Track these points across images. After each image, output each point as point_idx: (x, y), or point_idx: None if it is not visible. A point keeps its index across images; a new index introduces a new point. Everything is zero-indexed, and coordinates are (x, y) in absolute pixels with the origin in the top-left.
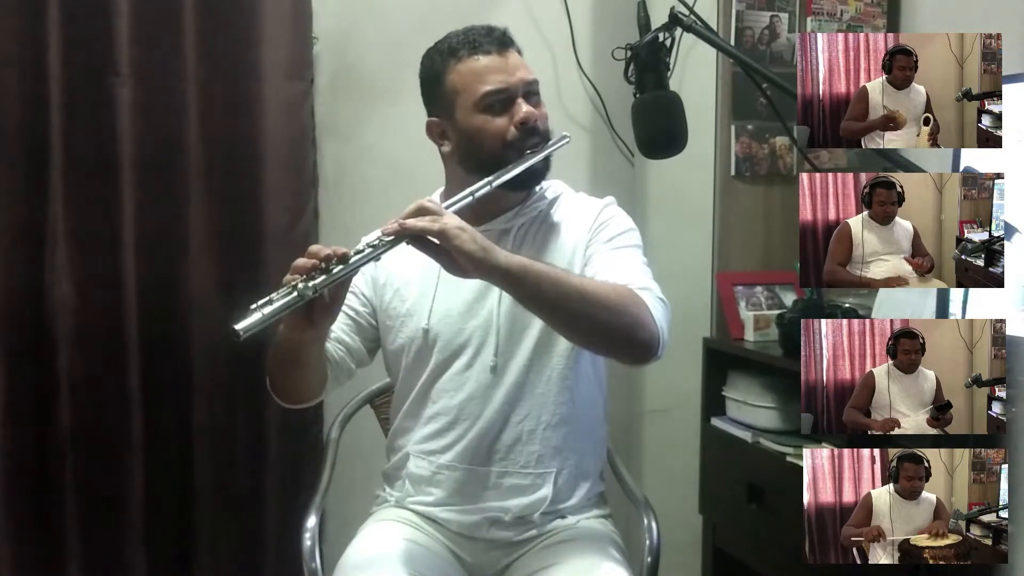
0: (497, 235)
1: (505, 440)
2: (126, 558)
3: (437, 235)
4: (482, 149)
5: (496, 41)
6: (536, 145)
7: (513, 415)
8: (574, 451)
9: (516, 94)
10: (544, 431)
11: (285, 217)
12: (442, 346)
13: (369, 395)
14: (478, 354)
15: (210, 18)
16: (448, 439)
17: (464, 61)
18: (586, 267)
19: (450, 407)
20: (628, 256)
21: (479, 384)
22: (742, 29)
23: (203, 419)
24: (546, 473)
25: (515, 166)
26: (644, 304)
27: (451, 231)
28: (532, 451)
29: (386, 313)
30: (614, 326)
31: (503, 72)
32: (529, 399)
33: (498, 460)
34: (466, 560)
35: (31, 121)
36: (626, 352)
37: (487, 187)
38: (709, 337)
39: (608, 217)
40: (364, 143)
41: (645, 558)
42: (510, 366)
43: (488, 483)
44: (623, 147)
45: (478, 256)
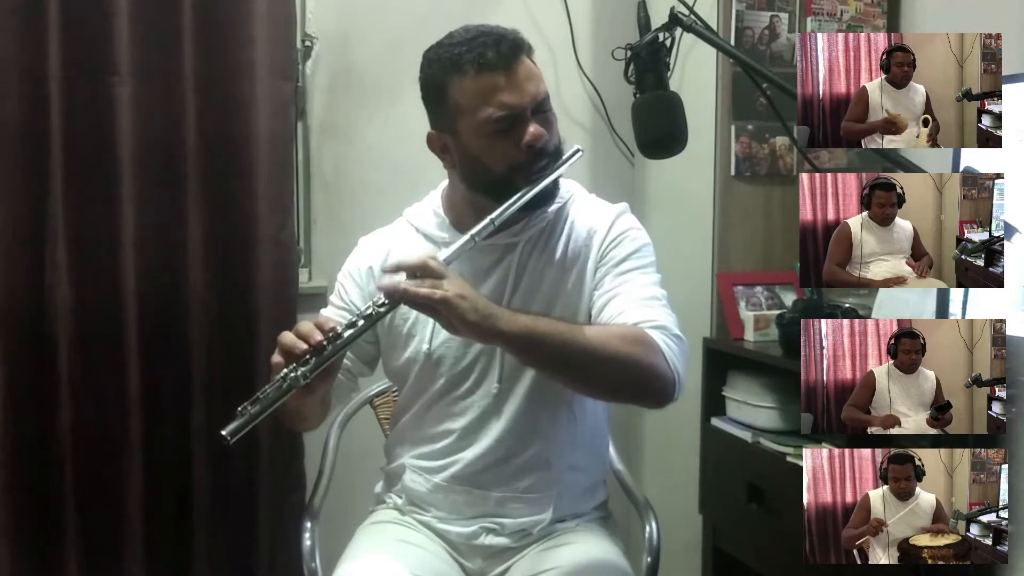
0: (503, 249)
1: (506, 467)
2: (125, 558)
3: (438, 304)
4: (487, 172)
5: (503, 55)
6: (544, 168)
7: (515, 442)
8: (577, 471)
9: (524, 116)
10: (547, 456)
11: (276, 216)
12: (445, 369)
13: (369, 395)
14: (482, 380)
15: (207, 18)
16: (447, 461)
17: (468, 78)
18: (595, 291)
19: (451, 431)
20: (640, 283)
21: (481, 410)
22: (742, 29)
23: (201, 419)
24: (547, 496)
25: (523, 194)
26: (657, 348)
27: (452, 301)
28: (534, 476)
29: (387, 331)
30: (626, 381)
31: (511, 93)
32: (532, 426)
33: (498, 485)
34: (465, 564)
35: (31, 121)
36: (641, 401)
37: (491, 226)
38: (709, 337)
39: (620, 231)
40: (364, 143)
41: (645, 558)
42: (514, 392)
43: (487, 505)
44: (623, 147)
45: (481, 326)
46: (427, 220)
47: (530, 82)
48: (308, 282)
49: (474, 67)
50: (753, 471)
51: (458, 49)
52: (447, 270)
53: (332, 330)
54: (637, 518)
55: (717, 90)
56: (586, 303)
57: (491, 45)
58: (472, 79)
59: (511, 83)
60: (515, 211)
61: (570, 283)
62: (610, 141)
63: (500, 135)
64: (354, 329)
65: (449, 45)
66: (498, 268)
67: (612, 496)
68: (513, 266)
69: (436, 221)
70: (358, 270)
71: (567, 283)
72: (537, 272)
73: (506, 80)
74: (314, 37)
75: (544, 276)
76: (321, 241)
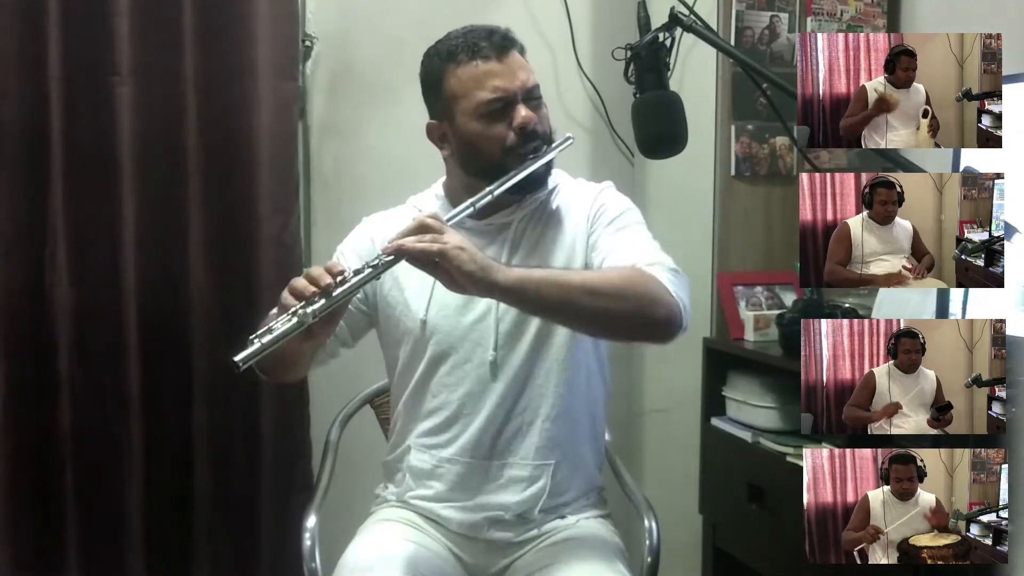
0: (497, 229)
1: (506, 433)
2: (125, 558)
3: (437, 256)
4: (481, 155)
5: (496, 45)
6: (537, 149)
7: (513, 409)
8: (572, 443)
9: (515, 100)
10: (543, 423)
11: (278, 216)
12: (439, 339)
13: (369, 395)
14: (476, 349)
15: (207, 18)
16: (450, 433)
17: (463, 66)
18: (592, 254)
19: (450, 401)
20: (632, 234)
21: (478, 379)
22: (742, 29)
23: (202, 419)
24: (544, 465)
25: (517, 172)
26: (655, 280)
27: (451, 252)
28: (531, 443)
29: (385, 301)
30: (628, 312)
31: (502, 78)
32: (528, 392)
33: (498, 453)
34: (466, 560)
35: (31, 121)
36: (648, 333)
37: (488, 197)
38: (709, 337)
39: (606, 200)
40: (364, 143)
41: (645, 558)
42: (509, 361)
43: (488, 475)
44: (623, 147)
45: (477, 276)
46: (429, 203)
47: (521, 71)
48: None
49: (468, 55)
50: (753, 471)
51: (454, 42)
52: (445, 226)
53: (341, 273)
54: (637, 518)
55: (717, 90)
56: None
57: (484, 36)
58: (466, 66)
59: (502, 69)
60: (508, 193)
61: (564, 255)
62: (610, 141)
63: (492, 118)
64: (361, 275)
65: (446, 40)
66: (492, 246)
67: (612, 496)
68: (507, 243)
69: (438, 204)
70: (359, 241)
71: (560, 255)
72: (531, 247)
73: (498, 66)
74: (314, 37)
75: (537, 250)
76: (321, 241)
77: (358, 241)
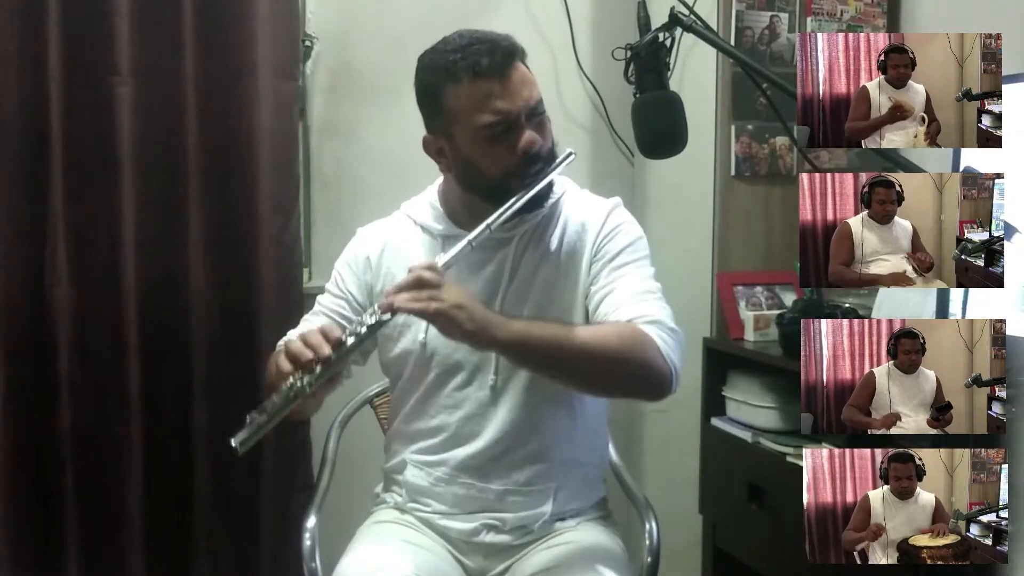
0: (498, 244)
1: (505, 460)
2: (125, 558)
3: (432, 317)
4: (482, 176)
5: (498, 63)
6: (539, 172)
7: (514, 436)
8: (576, 465)
9: (518, 121)
10: (545, 450)
11: (278, 216)
12: (439, 360)
13: (369, 395)
14: (477, 372)
15: (207, 18)
16: (446, 455)
17: (463, 85)
18: (592, 286)
19: (448, 423)
20: (635, 277)
21: (478, 403)
22: (742, 29)
23: (202, 419)
24: (546, 489)
25: (518, 199)
26: (652, 343)
27: (448, 312)
28: (533, 469)
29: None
30: (622, 377)
31: (504, 99)
32: (530, 419)
33: (497, 478)
34: (466, 563)
35: (31, 121)
36: (638, 395)
37: (486, 231)
38: (709, 337)
39: (614, 226)
40: (364, 143)
41: (645, 558)
42: (510, 385)
43: (487, 498)
44: (623, 147)
45: (477, 335)
46: (424, 213)
47: (524, 88)
48: (308, 282)
49: (469, 74)
50: (753, 471)
51: (453, 56)
52: (443, 279)
53: (338, 339)
54: (637, 518)
55: (717, 90)
56: (581, 297)
57: (486, 52)
58: (467, 86)
59: (505, 90)
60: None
61: (564, 278)
62: (610, 141)
63: (495, 141)
64: (356, 337)
65: (444, 51)
66: (492, 263)
67: (612, 496)
68: (508, 261)
69: (433, 214)
70: (355, 259)
71: (561, 278)
72: (531, 267)
73: (500, 87)
74: (314, 37)
75: (538, 271)
76: (321, 241)
77: (354, 261)
